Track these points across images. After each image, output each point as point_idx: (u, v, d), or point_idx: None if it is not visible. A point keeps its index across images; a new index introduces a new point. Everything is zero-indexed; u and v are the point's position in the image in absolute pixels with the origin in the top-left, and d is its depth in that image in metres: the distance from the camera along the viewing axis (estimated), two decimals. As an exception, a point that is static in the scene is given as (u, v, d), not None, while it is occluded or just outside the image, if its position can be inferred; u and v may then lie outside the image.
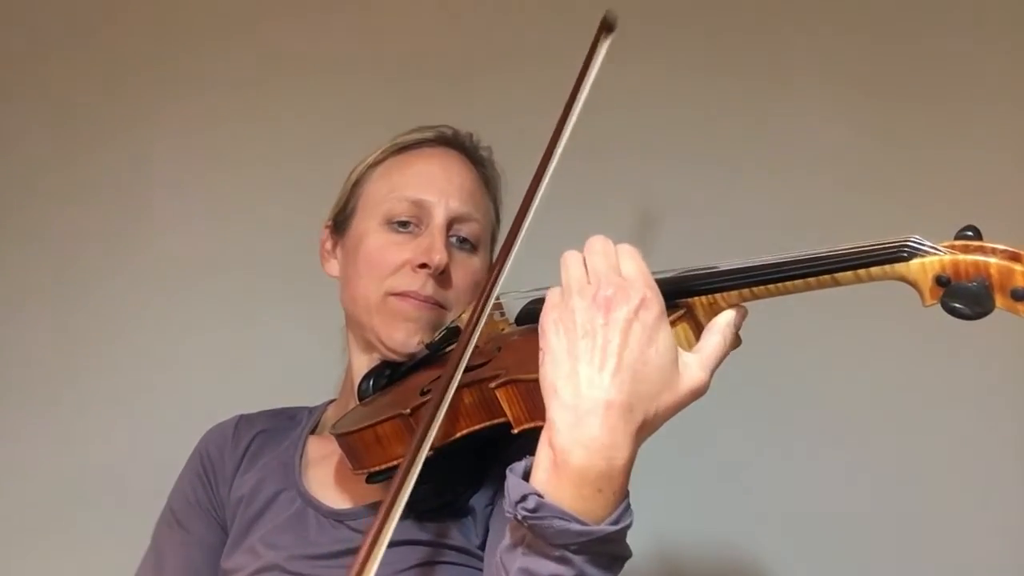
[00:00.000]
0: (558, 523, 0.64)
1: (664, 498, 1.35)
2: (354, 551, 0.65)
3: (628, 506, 0.67)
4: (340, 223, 1.05)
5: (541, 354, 0.69)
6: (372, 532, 0.66)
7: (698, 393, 0.69)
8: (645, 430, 0.67)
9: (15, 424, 1.39)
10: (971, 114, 1.38)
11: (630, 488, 0.68)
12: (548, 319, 0.70)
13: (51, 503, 1.36)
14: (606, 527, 0.65)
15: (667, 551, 1.34)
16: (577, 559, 0.65)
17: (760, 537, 1.34)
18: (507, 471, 0.70)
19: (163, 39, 1.48)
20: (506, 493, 0.68)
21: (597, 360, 0.66)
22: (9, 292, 1.43)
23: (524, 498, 0.66)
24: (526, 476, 0.68)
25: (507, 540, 0.69)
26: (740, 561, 1.34)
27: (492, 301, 0.82)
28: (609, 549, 0.67)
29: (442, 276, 0.97)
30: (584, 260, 0.71)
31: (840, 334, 1.36)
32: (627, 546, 0.69)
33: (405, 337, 0.96)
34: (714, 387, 1.28)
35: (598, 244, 0.72)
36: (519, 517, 0.66)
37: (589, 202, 1.10)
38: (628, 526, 0.67)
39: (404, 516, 0.88)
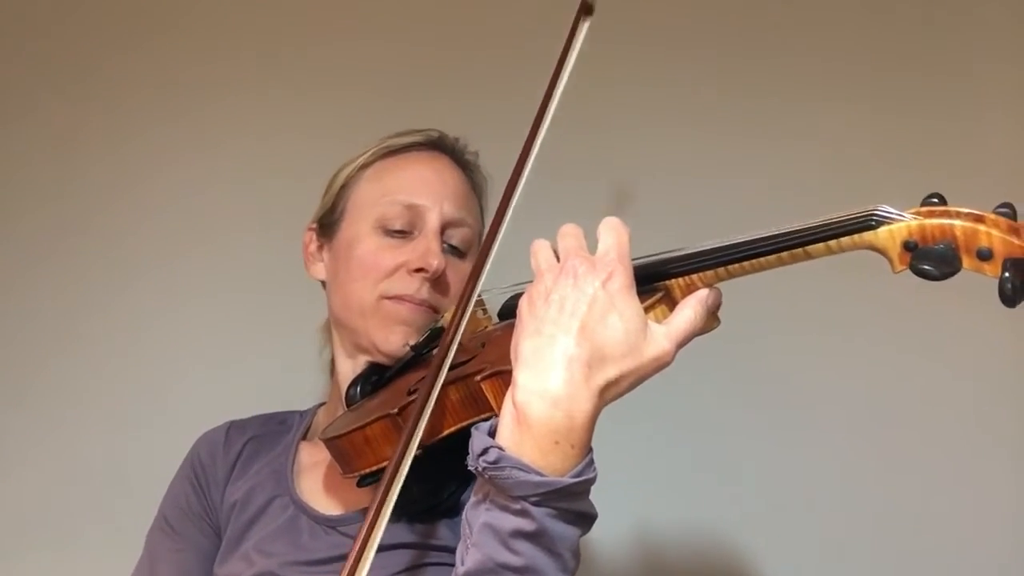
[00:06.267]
0: (518, 474, 0.65)
1: (649, 487, 1.35)
2: (347, 556, 0.66)
3: (591, 462, 0.68)
4: (327, 226, 1.05)
5: (514, 328, 0.71)
6: (366, 523, 0.67)
7: (662, 362, 0.69)
8: (608, 392, 0.68)
9: (14, 425, 1.40)
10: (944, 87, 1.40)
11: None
12: (523, 300, 0.73)
13: (49, 505, 1.36)
14: (566, 479, 0.66)
15: (650, 540, 1.35)
16: (538, 512, 0.66)
17: (746, 529, 1.34)
18: (472, 429, 0.71)
19: (158, 48, 1.50)
20: (470, 449, 0.69)
21: (563, 322, 0.68)
22: (9, 292, 1.44)
23: (485, 451, 0.67)
24: (492, 434, 0.70)
25: (472, 498, 0.71)
26: (724, 552, 1.34)
27: (475, 299, 0.83)
28: (572, 505, 0.68)
29: (437, 280, 0.97)
30: (552, 247, 0.74)
31: (833, 328, 1.36)
32: (591, 503, 0.70)
33: (400, 340, 0.96)
34: (708, 378, 1.30)
35: (568, 228, 0.74)
36: (480, 469, 0.67)
37: (568, 200, 1.11)
38: (590, 480, 0.68)
39: (396, 518, 0.89)
